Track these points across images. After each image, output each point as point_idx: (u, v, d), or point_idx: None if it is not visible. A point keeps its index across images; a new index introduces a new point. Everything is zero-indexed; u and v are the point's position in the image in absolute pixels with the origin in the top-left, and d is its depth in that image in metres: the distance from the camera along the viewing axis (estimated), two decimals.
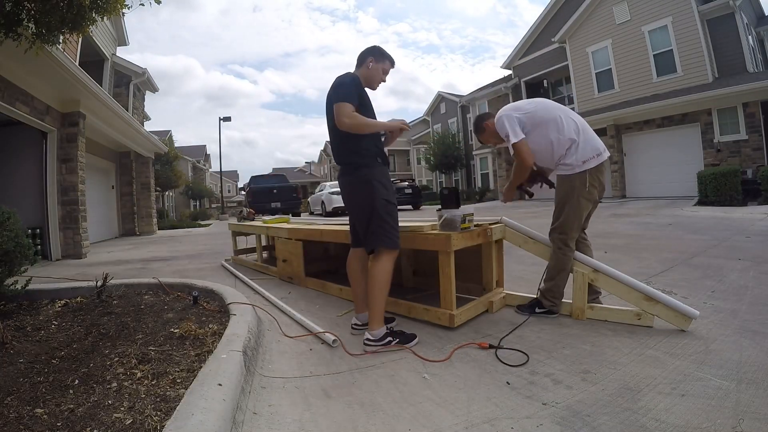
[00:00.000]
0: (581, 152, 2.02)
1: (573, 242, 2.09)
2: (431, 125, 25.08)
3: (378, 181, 1.90)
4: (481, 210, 10.45)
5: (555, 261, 2.12)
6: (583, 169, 2.01)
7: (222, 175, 23.84)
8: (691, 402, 1.23)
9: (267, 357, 1.77)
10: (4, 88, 4.50)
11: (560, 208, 2.10)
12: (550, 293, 2.11)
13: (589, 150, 2.02)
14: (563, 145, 2.04)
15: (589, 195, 2.04)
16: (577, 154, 2.02)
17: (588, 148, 2.02)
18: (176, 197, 25.55)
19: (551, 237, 2.16)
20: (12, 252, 2.20)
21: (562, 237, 2.09)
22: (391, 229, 1.88)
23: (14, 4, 3.15)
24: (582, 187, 2.02)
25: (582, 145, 2.03)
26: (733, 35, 10.14)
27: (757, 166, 8.78)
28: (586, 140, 2.04)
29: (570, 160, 2.03)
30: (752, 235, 4.21)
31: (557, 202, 2.13)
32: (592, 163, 2.01)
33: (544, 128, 2.07)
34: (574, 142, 2.03)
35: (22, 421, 1.14)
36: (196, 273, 3.95)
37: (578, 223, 2.08)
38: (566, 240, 2.08)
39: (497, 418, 1.22)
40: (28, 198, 5.46)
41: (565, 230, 2.08)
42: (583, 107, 13.24)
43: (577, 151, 2.02)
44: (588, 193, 2.03)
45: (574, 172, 2.03)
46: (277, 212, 11.96)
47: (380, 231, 1.87)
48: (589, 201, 2.06)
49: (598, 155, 2.03)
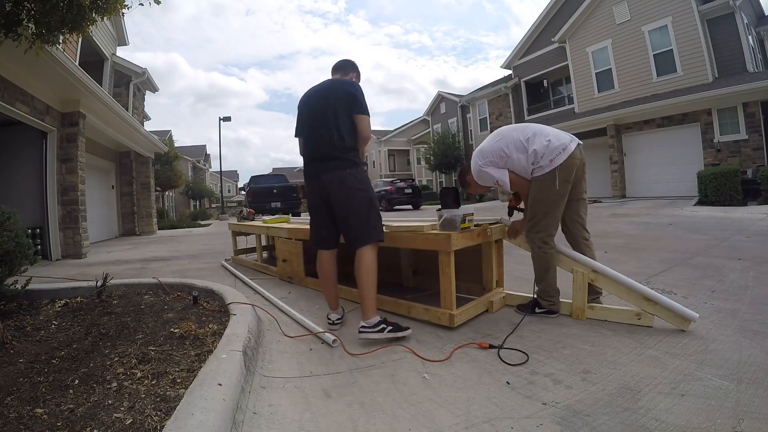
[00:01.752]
0: (548, 153, 2.05)
1: (551, 239, 2.12)
2: (431, 125, 25.08)
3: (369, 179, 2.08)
4: (481, 210, 10.45)
5: (538, 261, 2.15)
6: (552, 168, 2.04)
7: (222, 175, 23.84)
8: (691, 402, 1.23)
9: (267, 357, 1.76)
10: (4, 88, 4.50)
11: (532, 207, 2.14)
12: (545, 293, 2.14)
13: (556, 147, 2.05)
14: (530, 156, 2.09)
15: (561, 190, 2.05)
16: (545, 157, 2.05)
17: (552, 147, 2.05)
18: (176, 197, 25.55)
19: (528, 238, 2.18)
20: (12, 252, 2.20)
21: (539, 236, 2.12)
22: (380, 222, 2.08)
23: (14, 4, 3.14)
24: (551, 184, 2.04)
25: (546, 147, 2.05)
26: (733, 35, 10.13)
27: (757, 166, 8.78)
28: (549, 141, 2.07)
29: (541, 163, 2.07)
30: (752, 235, 4.21)
31: (529, 202, 2.16)
32: (560, 159, 2.03)
33: (512, 154, 2.14)
34: (539, 144, 2.08)
35: (22, 421, 1.14)
36: (196, 273, 3.95)
37: (554, 221, 2.11)
38: (543, 238, 2.10)
39: (497, 418, 1.22)
40: (28, 198, 5.46)
41: (540, 228, 2.11)
42: (583, 107, 13.25)
43: (544, 154, 2.05)
44: (558, 189, 2.04)
45: (544, 173, 2.07)
46: (277, 212, 11.95)
47: (378, 224, 2.04)
48: (561, 197, 2.07)
49: (564, 149, 2.04)
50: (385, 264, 2.85)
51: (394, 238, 2.28)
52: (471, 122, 19.74)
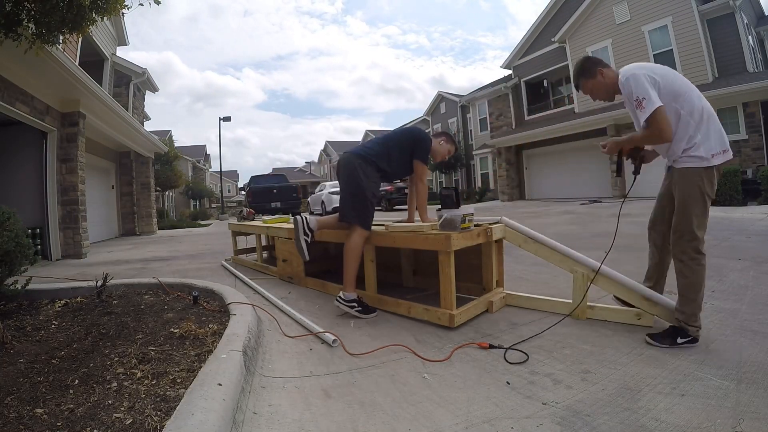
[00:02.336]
0: (710, 143, 1.67)
1: (703, 247, 1.71)
2: (431, 125, 25.08)
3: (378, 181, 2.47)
4: (481, 210, 10.45)
5: (690, 277, 1.69)
6: (711, 164, 1.65)
7: (222, 175, 23.84)
8: (691, 402, 1.23)
9: (267, 357, 1.76)
10: (4, 88, 4.50)
11: (685, 208, 1.70)
12: (693, 318, 1.67)
13: (718, 143, 1.68)
14: (693, 129, 1.68)
15: (712, 195, 1.70)
16: (706, 145, 1.66)
17: (715, 139, 1.68)
18: (176, 197, 25.54)
19: (678, 246, 1.73)
20: (12, 252, 2.20)
21: (693, 244, 1.68)
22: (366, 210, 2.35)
23: (14, 4, 3.14)
24: (710, 185, 1.67)
25: (711, 134, 1.68)
26: (733, 35, 10.13)
27: (757, 166, 8.78)
28: (714, 130, 1.69)
29: (699, 151, 1.66)
30: (752, 235, 4.21)
31: (680, 201, 1.72)
32: (719, 159, 1.66)
33: (680, 101, 1.70)
34: (703, 127, 1.68)
35: (22, 421, 1.14)
36: (196, 273, 3.94)
37: (705, 226, 1.71)
38: (698, 246, 1.69)
39: (497, 418, 1.22)
40: (28, 198, 5.45)
41: (696, 235, 1.68)
42: (583, 107, 13.25)
43: (707, 141, 1.67)
44: (712, 193, 1.69)
45: (701, 166, 1.66)
46: (277, 212, 11.95)
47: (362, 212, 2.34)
48: (710, 202, 1.71)
49: (725, 151, 1.68)
50: (385, 264, 2.85)
51: (394, 238, 2.28)
52: (471, 122, 19.74)
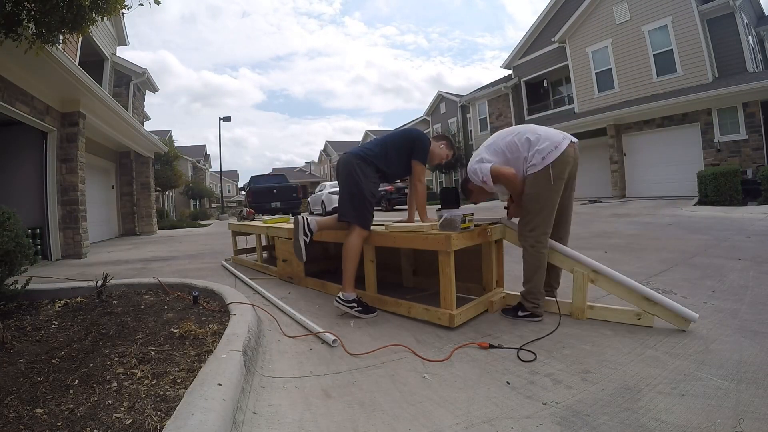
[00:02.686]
0: (540, 150, 2.05)
1: (545, 238, 2.09)
2: (431, 125, 25.07)
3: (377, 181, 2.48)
4: (481, 210, 10.45)
5: (529, 260, 2.12)
6: (545, 165, 2.03)
7: (222, 175, 23.84)
8: (691, 402, 1.23)
9: (267, 357, 1.76)
10: (4, 88, 4.50)
11: (527, 206, 2.12)
12: (530, 295, 2.09)
13: (547, 145, 2.05)
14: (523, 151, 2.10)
15: (555, 186, 2.04)
16: (537, 154, 2.05)
17: (545, 144, 2.05)
18: (176, 197, 25.54)
19: (521, 236, 2.16)
20: (12, 252, 2.20)
21: (532, 234, 2.09)
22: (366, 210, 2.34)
23: (14, 4, 3.14)
24: (546, 182, 2.03)
25: (539, 144, 2.06)
26: (733, 35, 10.14)
27: (757, 166, 8.78)
28: (540, 139, 2.08)
29: (533, 161, 2.06)
30: (752, 235, 4.21)
31: (525, 200, 2.14)
32: (552, 156, 2.02)
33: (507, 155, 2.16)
34: (530, 144, 2.09)
35: (22, 421, 1.14)
36: (196, 273, 3.94)
37: (548, 219, 2.08)
38: (537, 236, 2.08)
39: (497, 418, 1.22)
40: (28, 198, 5.46)
41: (534, 226, 2.08)
42: (583, 107, 13.25)
43: (536, 152, 2.05)
44: (554, 187, 2.03)
45: (537, 170, 2.05)
46: (277, 212, 11.96)
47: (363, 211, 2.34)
48: (555, 193, 2.06)
49: (556, 147, 2.04)
50: (385, 264, 2.85)
51: (394, 238, 2.28)
52: (471, 122, 19.74)
